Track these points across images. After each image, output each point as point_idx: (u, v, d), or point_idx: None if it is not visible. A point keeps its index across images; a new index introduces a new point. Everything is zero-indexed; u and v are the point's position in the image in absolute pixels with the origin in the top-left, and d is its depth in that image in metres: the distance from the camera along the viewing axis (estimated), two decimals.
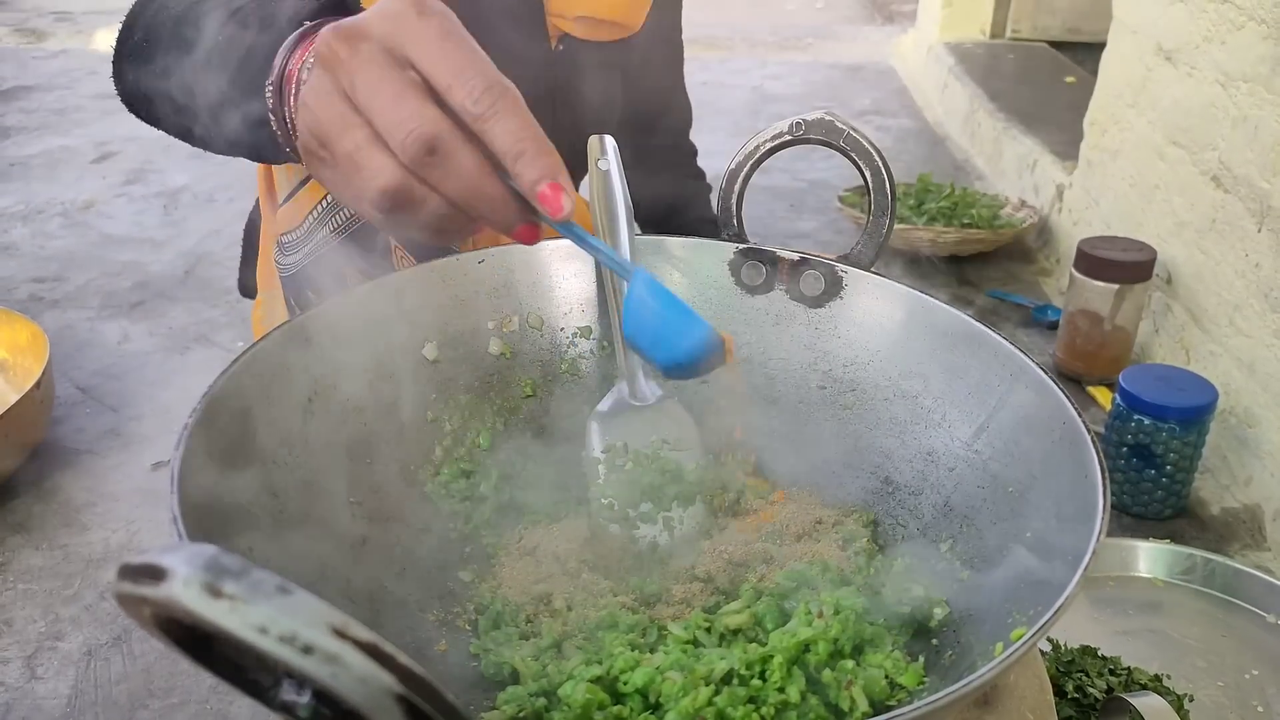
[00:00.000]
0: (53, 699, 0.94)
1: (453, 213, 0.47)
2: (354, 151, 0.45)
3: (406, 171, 0.45)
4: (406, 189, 0.45)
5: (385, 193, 0.45)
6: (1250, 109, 1.20)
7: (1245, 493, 1.17)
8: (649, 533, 0.63)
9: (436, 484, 0.65)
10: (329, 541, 0.57)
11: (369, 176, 0.45)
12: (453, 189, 0.45)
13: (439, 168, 0.44)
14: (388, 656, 0.28)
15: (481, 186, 0.45)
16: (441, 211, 0.47)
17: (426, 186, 0.45)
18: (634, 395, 0.67)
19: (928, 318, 0.65)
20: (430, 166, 0.44)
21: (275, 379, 0.57)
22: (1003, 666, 0.40)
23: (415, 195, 0.46)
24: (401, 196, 0.45)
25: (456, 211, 0.47)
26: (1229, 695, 0.86)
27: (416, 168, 0.44)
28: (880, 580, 0.58)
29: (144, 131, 0.83)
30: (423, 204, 0.46)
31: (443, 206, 0.46)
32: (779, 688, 0.48)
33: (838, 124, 0.70)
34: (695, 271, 0.73)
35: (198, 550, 0.28)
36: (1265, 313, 1.16)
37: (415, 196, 0.46)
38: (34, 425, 1.23)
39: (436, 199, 0.46)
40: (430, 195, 0.46)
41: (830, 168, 2.32)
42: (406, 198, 0.46)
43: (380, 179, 0.45)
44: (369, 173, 0.45)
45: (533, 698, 0.51)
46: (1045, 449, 0.55)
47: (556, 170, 0.45)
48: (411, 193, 0.45)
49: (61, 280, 1.82)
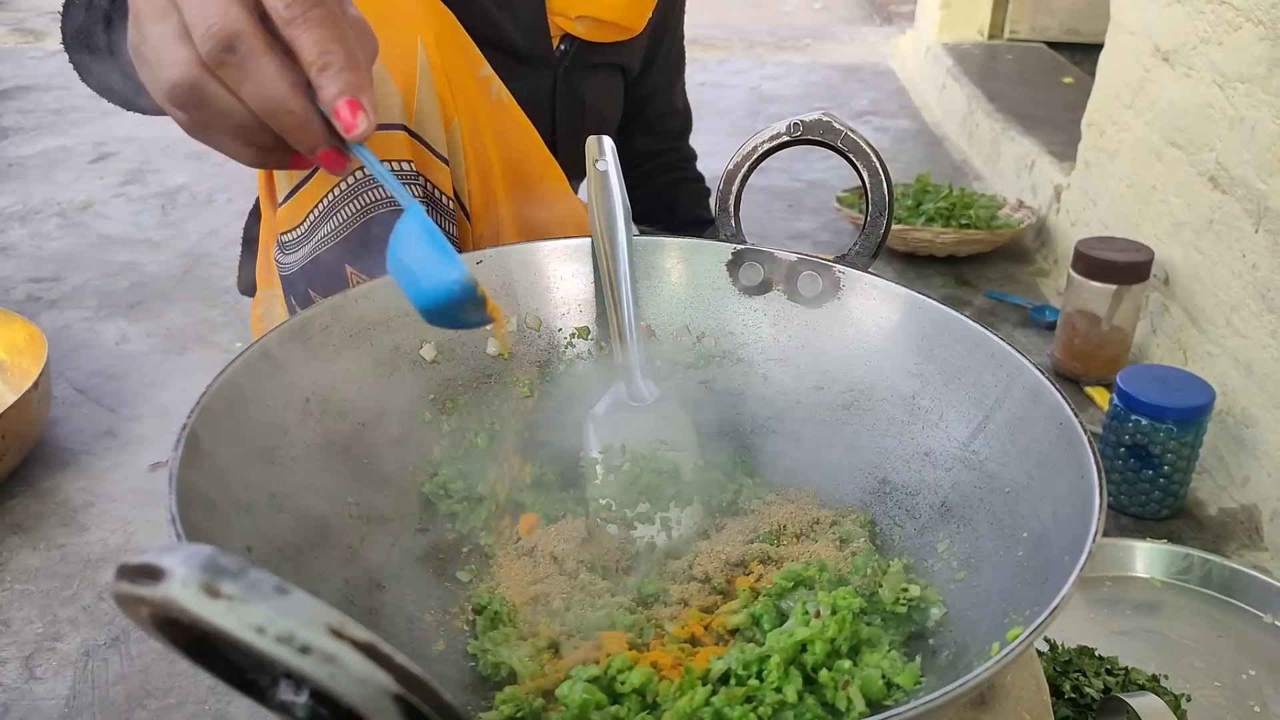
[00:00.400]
0: (50, 699, 0.94)
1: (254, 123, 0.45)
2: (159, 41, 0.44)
3: (203, 68, 0.43)
4: (200, 86, 0.43)
5: (177, 86, 0.44)
6: (1247, 110, 1.20)
7: (1242, 493, 1.18)
8: (646, 533, 0.63)
9: (434, 484, 0.65)
10: (327, 541, 0.57)
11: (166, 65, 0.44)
12: (250, 94, 0.43)
13: (237, 69, 0.43)
14: (385, 656, 0.28)
15: (281, 97, 0.43)
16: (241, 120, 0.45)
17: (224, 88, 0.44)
18: (632, 396, 0.67)
19: (925, 318, 0.65)
20: (228, 66, 0.43)
21: (273, 379, 0.58)
22: (999, 666, 0.40)
23: (209, 94, 0.44)
24: (195, 93, 0.44)
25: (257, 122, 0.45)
26: (1226, 695, 0.86)
27: (214, 66, 0.43)
28: (877, 580, 0.59)
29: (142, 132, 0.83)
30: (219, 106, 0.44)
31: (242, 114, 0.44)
32: (776, 688, 0.48)
33: (835, 125, 0.70)
34: (693, 272, 0.73)
35: (195, 550, 0.28)
36: (1262, 313, 1.16)
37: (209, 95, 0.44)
38: (31, 426, 1.23)
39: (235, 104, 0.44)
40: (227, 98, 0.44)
41: (828, 168, 2.32)
42: (200, 95, 0.44)
43: (175, 70, 0.43)
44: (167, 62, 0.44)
45: (530, 698, 0.51)
46: (1042, 449, 0.55)
47: (359, 87, 0.44)
48: (205, 90, 0.44)
49: (59, 280, 1.82)
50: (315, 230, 0.90)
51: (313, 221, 0.90)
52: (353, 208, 0.88)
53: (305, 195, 0.90)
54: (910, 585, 0.57)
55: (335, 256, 0.90)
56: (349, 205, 0.88)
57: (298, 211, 0.92)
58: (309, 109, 0.44)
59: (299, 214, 0.92)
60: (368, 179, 0.87)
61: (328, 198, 0.89)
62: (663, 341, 0.73)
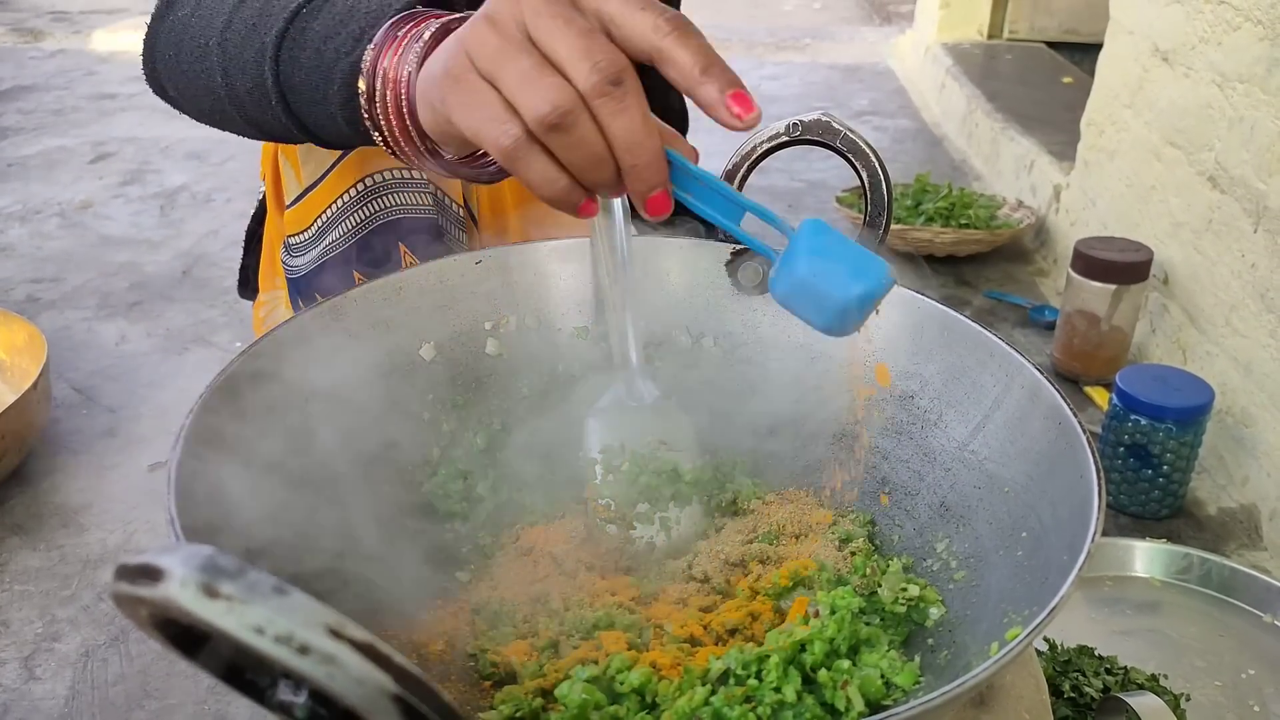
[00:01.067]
0: (50, 700, 0.94)
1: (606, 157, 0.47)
2: (529, 69, 0.46)
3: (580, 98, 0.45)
4: (575, 111, 0.45)
5: (555, 109, 0.45)
6: (1246, 109, 1.20)
7: (1242, 492, 1.18)
8: (646, 533, 0.63)
9: (434, 484, 0.65)
10: (326, 541, 0.57)
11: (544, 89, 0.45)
12: (622, 127, 0.46)
13: (618, 102, 0.45)
14: (384, 656, 0.28)
15: (645, 134, 0.46)
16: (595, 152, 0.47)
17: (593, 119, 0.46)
18: (631, 395, 0.67)
19: (924, 318, 0.65)
20: (611, 99, 0.45)
21: (272, 379, 0.58)
22: (997, 666, 0.40)
23: (580, 123, 0.46)
24: (569, 118, 0.46)
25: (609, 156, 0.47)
26: (1226, 695, 0.86)
27: (596, 96, 0.45)
28: (876, 580, 0.59)
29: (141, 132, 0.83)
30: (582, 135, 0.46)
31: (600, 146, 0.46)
32: (775, 687, 0.48)
33: (835, 124, 0.70)
34: (692, 272, 0.73)
35: (194, 551, 0.28)
36: (1261, 313, 1.16)
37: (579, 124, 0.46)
38: (31, 426, 1.23)
39: (597, 136, 0.46)
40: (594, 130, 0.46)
41: (828, 168, 2.32)
42: (572, 122, 0.46)
43: (550, 95, 0.45)
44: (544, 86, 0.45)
45: (529, 697, 0.51)
46: (1041, 449, 0.55)
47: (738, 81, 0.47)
48: (578, 119, 0.46)
49: (59, 281, 1.82)
50: (325, 234, 0.90)
51: (322, 225, 0.90)
52: (363, 213, 0.88)
53: (315, 199, 0.90)
54: (909, 585, 0.57)
55: (344, 260, 0.90)
56: (359, 210, 0.88)
57: (306, 215, 0.92)
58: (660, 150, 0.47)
59: (307, 218, 0.92)
60: (377, 185, 0.87)
61: (338, 202, 0.89)
62: (661, 341, 0.73)
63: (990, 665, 0.40)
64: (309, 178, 0.90)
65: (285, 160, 0.92)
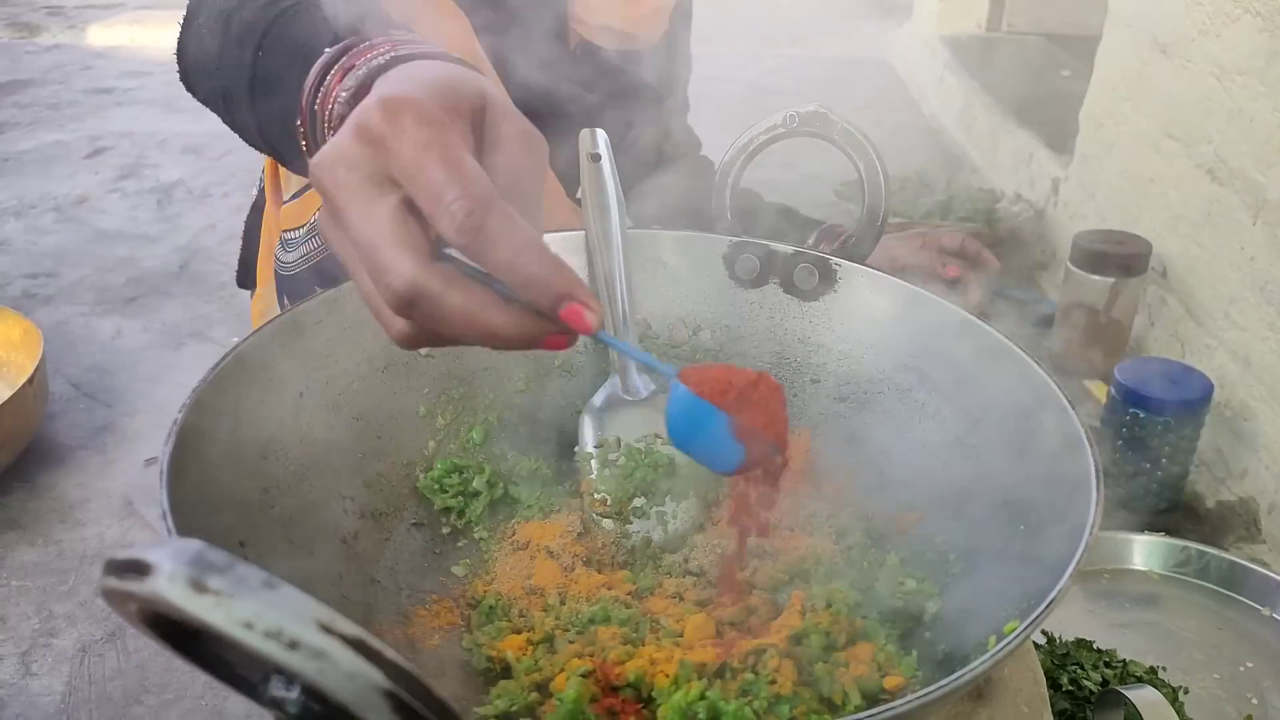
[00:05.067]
0: (47, 695, 0.94)
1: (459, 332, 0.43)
2: (368, 297, 0.43)
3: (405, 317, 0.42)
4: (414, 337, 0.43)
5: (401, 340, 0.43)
6: (1245, 102, 1.20)
7: (1240, 486, 1.17)
8: (642, 527, 0.63)
9: (429, 479, 0.65)
10: (320, 536, 0.57)
11: (384, 324, 0.43)
12: (451, 331, 0.42)
13: (428, 316, 0.41)
14: (375, 651, 0.28)
15: (483, 322, 0.41)
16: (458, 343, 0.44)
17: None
18: (627, 390, 0.67)
19: (922, 311, 0.65)
20: (420, 317, 0.41)
21: (267, 374, 0.57)
22: (994, 660, 0.40)
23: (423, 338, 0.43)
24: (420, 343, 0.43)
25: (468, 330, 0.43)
26: (1225, 688, 0.86)
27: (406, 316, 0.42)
28: (874, 573, 0.58)
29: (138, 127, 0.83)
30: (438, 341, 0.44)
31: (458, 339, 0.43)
32: (771, 680, 0.48)
33: (832, 117, 0.70)
34: (689, 265, 0.73)
35: (183, 545, 0.28)
36: (1260, 305, 1.16)
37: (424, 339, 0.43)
38: (27, 421, 1.23)
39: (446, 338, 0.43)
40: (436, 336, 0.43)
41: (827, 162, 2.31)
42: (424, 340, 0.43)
43: (391, 329, 0.43)
44: (383, 320, 0.43)
45: (525, 692, 0.50)
46: (1039, 442, 0.55)
47: (569, 287, 0.41)
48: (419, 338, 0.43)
49: (55, 276, 1.82)
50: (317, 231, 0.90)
51: (315, 223, 0.89)
52: None
53: (313, 195, 0.90)
54: (906, 578, 0.57)
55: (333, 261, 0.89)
56: None
57: (302, 211, 0.92)
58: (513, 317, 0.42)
59: (304, 214, 0.91)
60: None
61: None
62: (658, 335, 0.73)
63: (988, 658, 0.40)
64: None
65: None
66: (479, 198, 0.40)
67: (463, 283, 0.41)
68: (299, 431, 0.58)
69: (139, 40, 3.43)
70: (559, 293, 0.41)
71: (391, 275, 0.40)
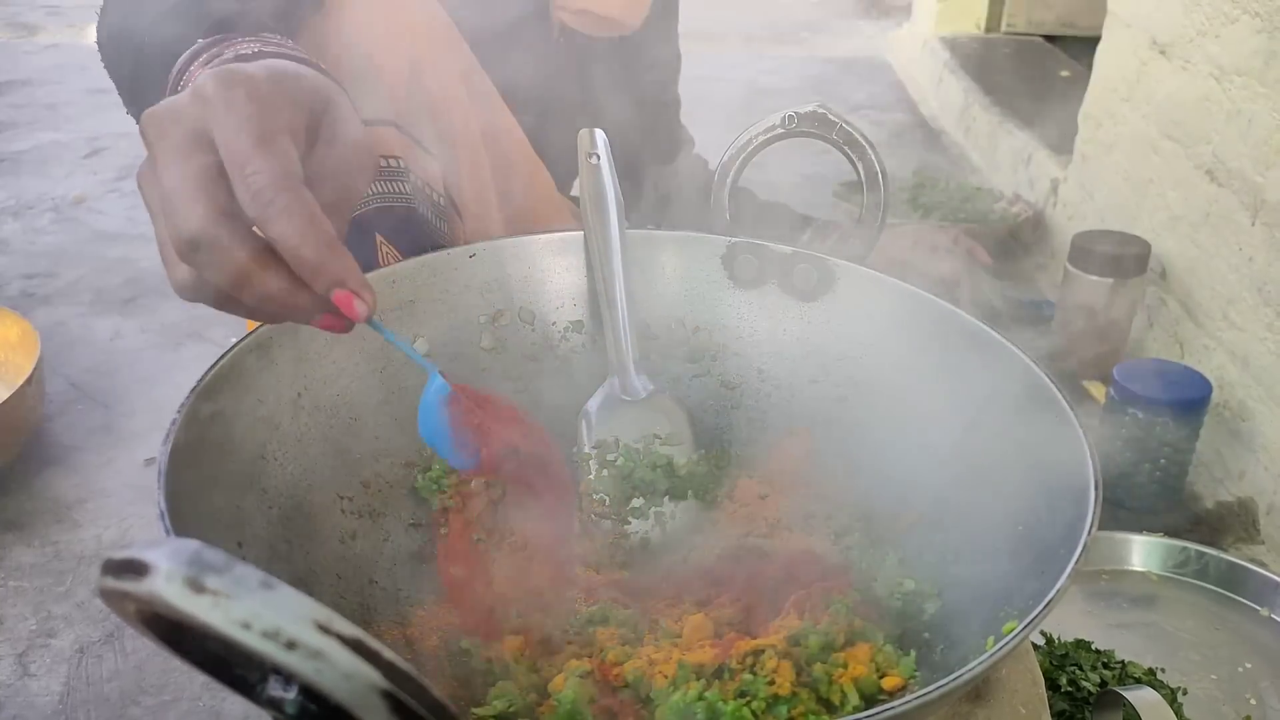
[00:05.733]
0: (45, 696, 0.94)
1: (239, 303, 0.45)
2: (161, 243, 0.45)
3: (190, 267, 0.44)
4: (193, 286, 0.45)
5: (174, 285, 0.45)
6: (1244, 102, 1.20)
7: (1239, 486, 1.18)
8: (640, 528, 0.63)
9: (427, 480, 0.65)
10: (318, 536, 0.57)
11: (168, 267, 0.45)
12: (226, 284, 0.43)
13: (206, 264, 0.43)
14: (373, 651, 0.28)
15: (256, 283, 0.43)
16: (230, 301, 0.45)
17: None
18: (625, 390, 0.67)
19: (921, 311, 0.65)
20: (198, 263, 0.43)
21: (264, 374, 0.57)
22: (992, 660, 0.40)
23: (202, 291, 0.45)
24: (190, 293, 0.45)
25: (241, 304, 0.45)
26: (1223, 689, 0.86)
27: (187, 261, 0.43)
28: (872, 574, 0.58)
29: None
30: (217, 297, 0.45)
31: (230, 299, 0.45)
32: (769, 681, 0.48)
33: (830, 117, 0.70)
34: (687, 265, 0.73)
35: (181, 545, 0.28)
36: (1259, 306, 1.16)
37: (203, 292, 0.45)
38: (25, 422, 1.23)
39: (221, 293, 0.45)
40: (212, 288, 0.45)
41: (825, 162, 2.31)
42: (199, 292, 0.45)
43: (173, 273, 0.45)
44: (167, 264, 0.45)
45: (523, 693, 0.50)
46: (1038, 443, 0.55)
47: (344, 275, 0.44)
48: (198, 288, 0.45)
49: (53, 276, 1.81)
50: None
51: None
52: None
53: None
54: (905, 579, 0.57)
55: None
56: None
57: None
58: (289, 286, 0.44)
59: None
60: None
61: None
62: (657, 335, 0.73)
63: (986, 659, 0.40)
64: None
65: None
66: (278, 174, 0.42)
67: (247, 241, 0.43)
68: (296, 432, 0.58)
69: None
70: (332, 278, 0.43)
71: (181, 219, 0.42)
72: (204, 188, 0.43)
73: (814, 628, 0.51)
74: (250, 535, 0.51)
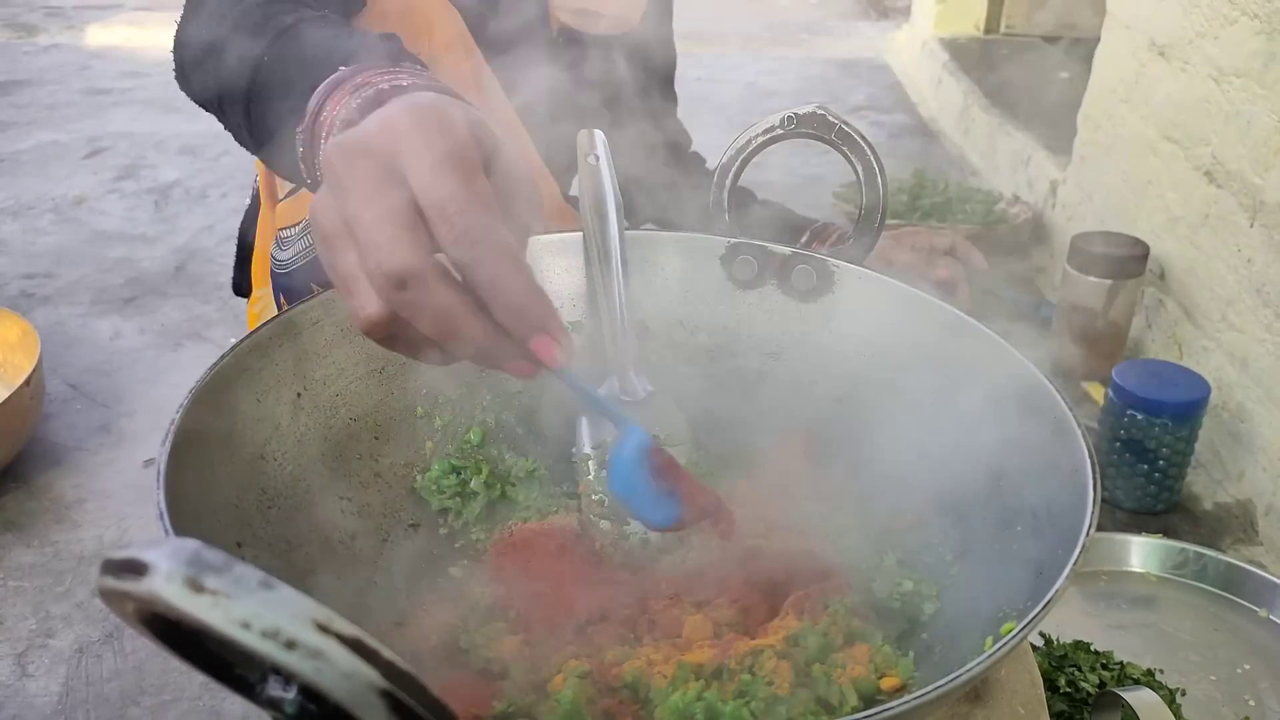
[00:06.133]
0: (44, 696, 0.94)
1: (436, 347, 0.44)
2: (346, 277, 0.43)
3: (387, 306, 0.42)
4: (389, 323, 0.43)
5: (370, 323, 0.43)
6: (1243, 104, 1.20)
7: (1238, 487, 1.18)
8: (639, 529, 0.63)
9: (426, 480, 0.65)
10: (318, 537, 0.57)
11: (357, 305, 0.43)
12: (426, 325, 0.42)
13: (410, 304, 0.41)
14: (372, 651, 0.28)
15: (459, 326, 0.42)
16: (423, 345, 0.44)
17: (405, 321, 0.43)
18: (624, 390, 0.67)
19: (920, 312, 0.65)
20: (402, 302, 0.42)
21: (264, 374, 0.57)
22: (991, 661, 0.40)
23: (400, 328, 0.43)
24: (386, 328, 0.43)
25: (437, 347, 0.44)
26: (1222, 690, 0.86)
27: (389, 301, 0.42)
28: (871, 575, 0.58)
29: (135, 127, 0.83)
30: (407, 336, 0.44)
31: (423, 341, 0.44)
32: (768, 681, 0.48)
33: (829, 118, 0.70)
34: (687, 266, 0.73)
35: (180, 545, 0.28)
36: (1257, 307, 1.16)
37: (399, 329, 0.43)
38: (25, 422, 1.23)
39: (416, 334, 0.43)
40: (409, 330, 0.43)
41: (826, 164, 2.31)
42: (390, 330, 0.43)
43: (366, 309, 0.43)
44: (357, 301, 0.43)
45: (522, 693, 0.50)
46: (1036, 444, 0.55)
47: (545, 319, 0.43)
48: (395, 325, 0.43)
49: (52, 276, 1.81)
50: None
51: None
52: None
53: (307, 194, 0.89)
54: (904, 579, 0.57)
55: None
56: None
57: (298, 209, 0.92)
58: (489, 332, 0.43)
59: (299, 211, 0.91)
60: None
61: None
62: (656, 336, 0.73)
63: (984, 660, 0.40)
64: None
65: None
66: (480, 214, 0.41)
67: (452, 282, 0.42)
68: (296, 432, 0.58)
69: (136, 41, 3.42)
70: (534, 323, 0.42)
71: (387, 254, 0.41)
72: (407, 225, 0.41)
73: (813, 628, 0.51)
74: (250, 535, 0.51)
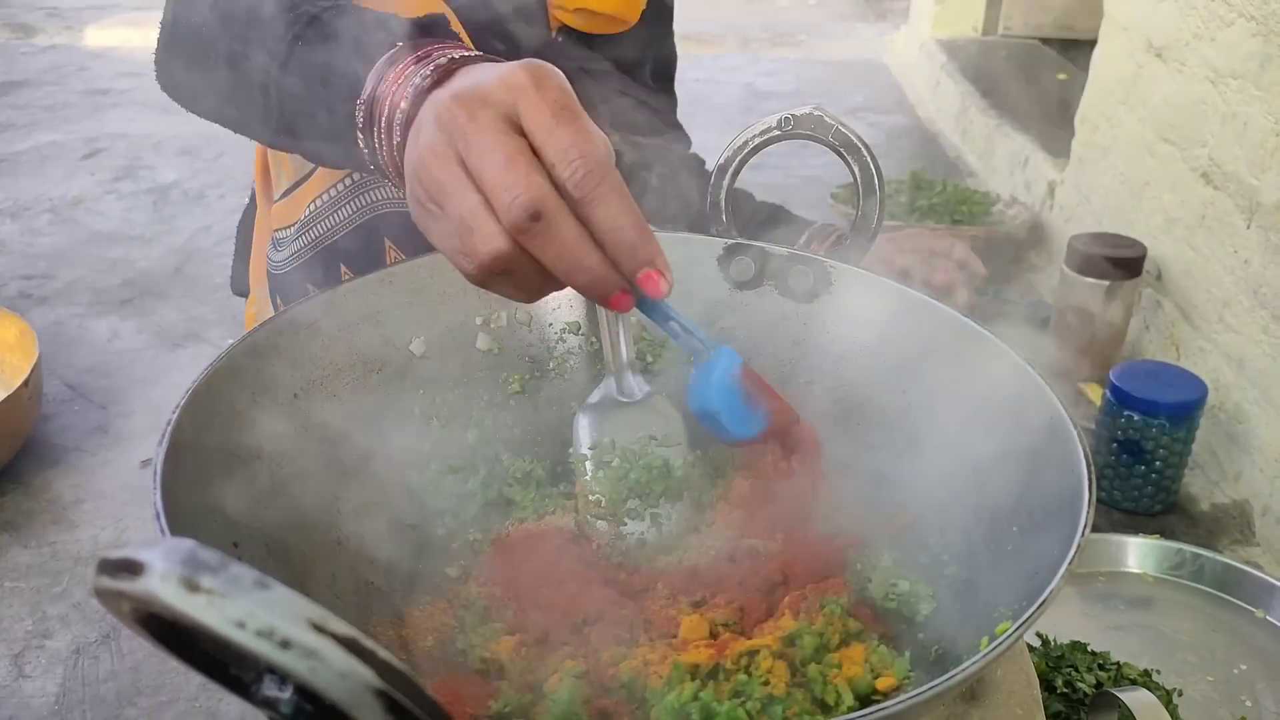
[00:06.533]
0: (40, 697, 0.93)
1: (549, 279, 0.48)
2: (467, 215, 0.46)
3: (512, 241, 0.46)
4: (511, 257, 0.46)
5: (496, 258, 0.46)
6: (1239, 105, 1.20)
7: (1234, 488, 1.18)
8: (636, 529, 0.63)
9: (424, 480, 0.65)
10: (315, 536, 0.57)
11: (479, 241, 0.46)
12: (552, 257, 0.46)
13: (541, 235, 0.45)
14: (367, 651, 0.28)
15: (581, 257, 0.46)
16: (539, 278, 0.48)
17: (528, 255, 0.46)
18: (621, 391, 0.67)
19: (916, 313, 0.65)
20: (533, 234, 0.45)
21: (261, 375, 0.57)
22: (986, 661, 0.40)
23: (519, 262, 0.47)
24: (507, 263, 0.47)
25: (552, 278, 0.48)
26: (1218, 690, 0.86)
27: (519, 234, 0.45)
28: (867, 575, 0.58)
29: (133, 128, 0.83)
30: (526, 271, 0.47)
31: (541, 273, 0.47)
32: (764, 681, 0.48)
33: (827, 119, 0.70)
34: (684, 266, 0.72)
35: (176, 545, 0.28)
36: (1254, 309, 1.16)
37: (519, 263, 0.47)
38: (22, 422, 1.23)
39: (536, 266, 0.47)
40: (532, 264, 0.47)
41: (823, 165, 2.32)
42: (511, 264, 0.47)
43: (490, 245, 0.46)
44: (479, 237, 0.46)
45: (518, 693, 0.50)
46: (1033, 444, 0.55)
47: (654, 254, 0.47)
48: (516, 260, 0.46)
49: (50, 277, 1.81)
50: (311, 226, 0.89)
51: (309, 217, 0.89)
52: (353, 206, 0.87)
53: (304, 192, 0.89)
54: (899, 580, 0.57)
55: (327, 257, 0.89)
56: (349, 204, 0.87)
57: (295, 208, 0.91)
58: (603, 263, 0.47)
59: (296, 211, 0.91)
60: (365, 179, 0.86)
61: (327, 194, 0.88)
62: (656, 335, 0.73)
63: (979, 659, 0.40)
64: (298, 171, 0.89)
65: (274, 154, 0.91)
66: (599, 159, 0.46)
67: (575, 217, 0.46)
68: (293, 433, 0.58)
69: (135, 42, 3.42)
70: (644, 258, 0.47)
71: (523, 188, 0.45)
72: (536, 166, 0.45)
73: (809, 628, 0.51)
74: (246, 535, 0.51)
